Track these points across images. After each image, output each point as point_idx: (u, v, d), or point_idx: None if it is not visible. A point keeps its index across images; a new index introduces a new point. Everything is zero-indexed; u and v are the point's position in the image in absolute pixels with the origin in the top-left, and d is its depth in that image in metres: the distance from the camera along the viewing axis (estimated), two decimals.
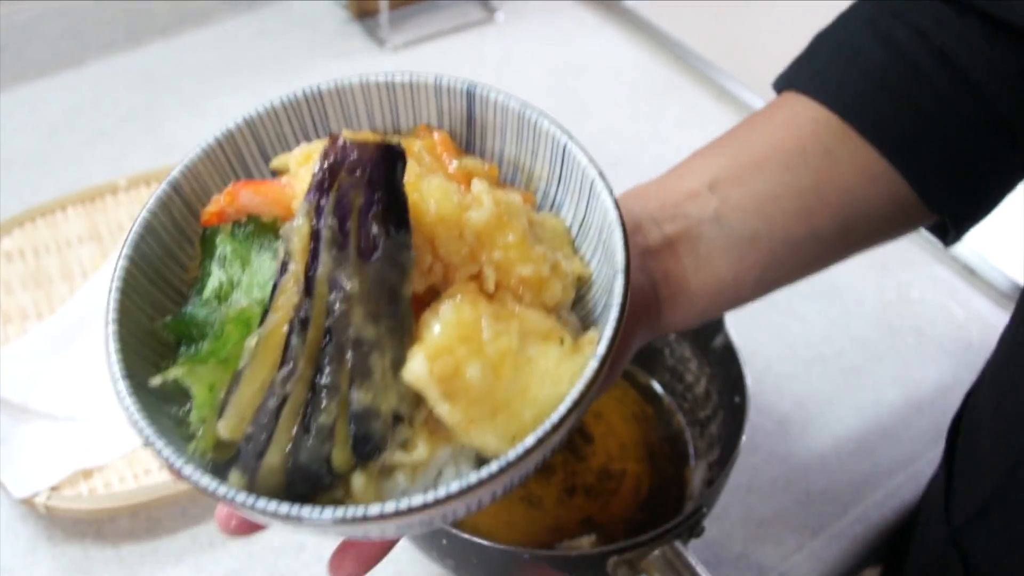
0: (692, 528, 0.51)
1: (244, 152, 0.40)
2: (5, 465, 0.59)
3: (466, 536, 0.49)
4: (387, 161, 0.33)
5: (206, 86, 0.97)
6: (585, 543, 0.56)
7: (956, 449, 0.53)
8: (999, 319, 0.76)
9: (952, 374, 0.72)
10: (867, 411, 0.69)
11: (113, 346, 0.34)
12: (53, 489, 0.59)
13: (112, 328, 0.34)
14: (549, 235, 0.38)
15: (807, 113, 0.45)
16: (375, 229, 0.32)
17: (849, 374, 0.71)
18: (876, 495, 0.64)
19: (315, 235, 0.32)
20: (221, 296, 0.36)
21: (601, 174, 0.37)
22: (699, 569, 0.47)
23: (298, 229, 0.33)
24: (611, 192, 0.36)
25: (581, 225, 0.38)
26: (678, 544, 0.48)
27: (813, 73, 0.47)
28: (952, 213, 0.47)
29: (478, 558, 0.50)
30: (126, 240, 0.37)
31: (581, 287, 0.38)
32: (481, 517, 0.33)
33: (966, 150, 0.45)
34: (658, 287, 0.42)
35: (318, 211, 0.32)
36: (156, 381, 0.34)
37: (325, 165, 0.32)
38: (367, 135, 0.33)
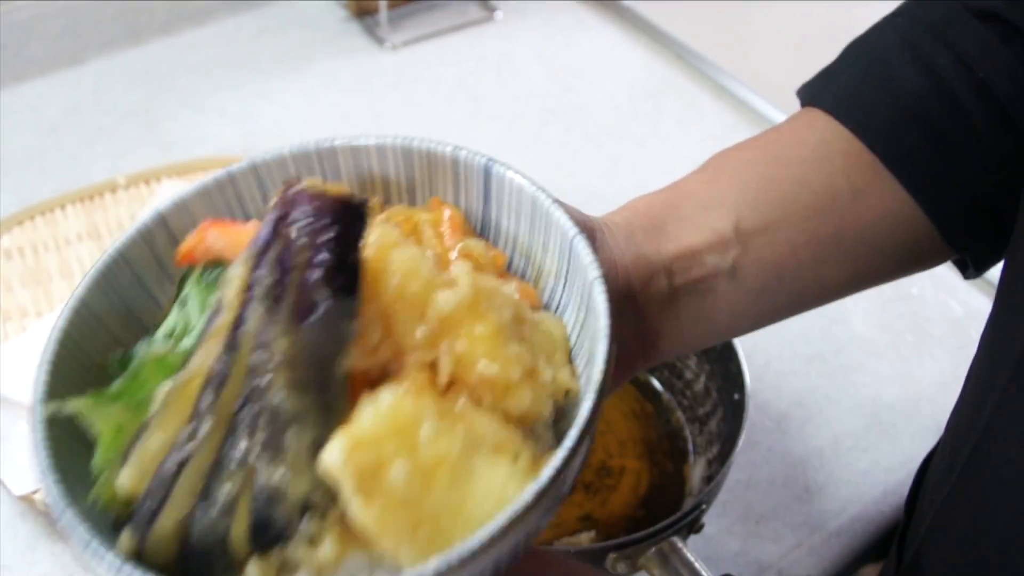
0: (691, 524, 0.51)
1: (245, 194, 0.38)
2: (5, 462, 0.59)
3: None
4: (344, 218, 0.29)
5: (206, 84, 0.97)
6: (584, 539, 0.57)
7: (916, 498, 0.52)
8: None
9: (951, 371, 0.72)
10: (866, 408, 0.69)
11: (43, 370, 0.32)
12: None
13: (48, 355, 0.32)
14: (542, 338, 0.34)
15: (837, 143, 0.43)
16: (317, 290, 0.28)
17: (848, 371, 0.72)
18: (875, 492, 0.64)
19: (250, 286, 0.29)
20: (174, 339, 0.34)
21: (603, 276, 0.33)
22: (698, 566, 0.47)
23: (234, 277, 0.29)
24: (609, 300, 0.32)
25: (580, 332, 0.34)
26: (677, 540, 0.48)
27: (843, 92, 0.44)
28: (977, 255, 0.45)
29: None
30: (94, 266, 0.35)
31: (568, 401, 0.33)
32: None
33: (999, 193, 0.43)
34: (645, 339, 0.40)
35: (258, 260, 0.29)
36: (50, 409, 0.31)
37: (276, 211, 0.29)
38: (337, 187, 0.30)
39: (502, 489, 0.28)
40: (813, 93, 0.46)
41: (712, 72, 0.99)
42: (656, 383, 0.66)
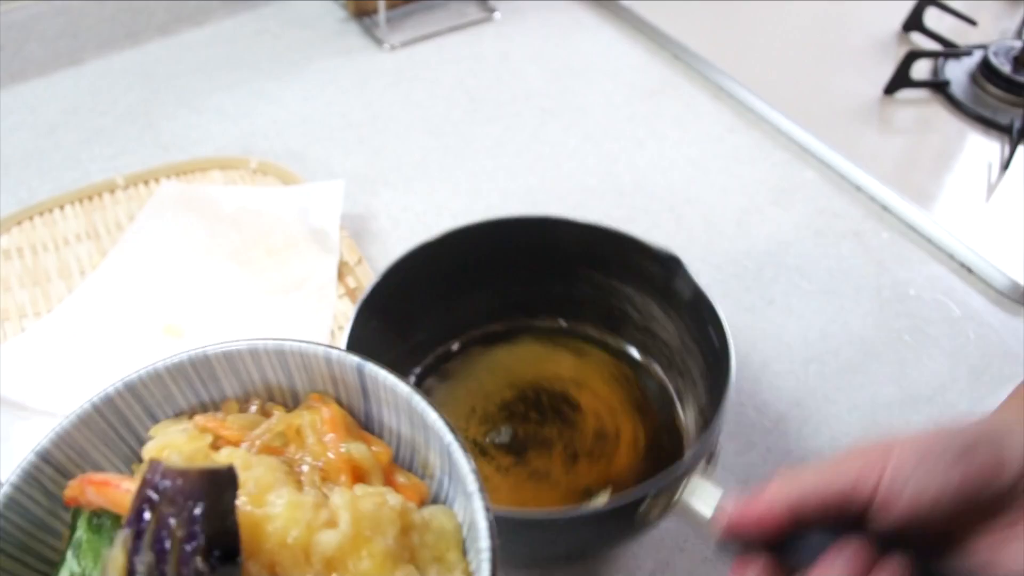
0: (710, 456, 0.52)
1: (128, 415, 0.38)
2: (4, 462, 0.59)
3: (503, 510, 0.48)
4: (211, 491, 0.30)
5: (204, 84, 0.97)
6: (603, 499, 0.57)
7: None
8: (996, 317, 0.76)
9: (949, 372, 0.72)
10: (864, 409, 0.69)
11: None
12: None
13: None
14: (434, 537, 0.35)
15: None
16: (199, 566, 0.29)
17: (846, 372, 0.72)
18: None
19: (131, 571, 0.29)
20: None
21: (482, 490, 0.33)
22: (721, 493, 0.47)
23: (113, 560, 0.29)
24: (489, 516, 0.33)
25: (470, 527, 0.34)
26: (699, 473, 0.48)
27: None
28: None
29: (513, 530, 0.50)
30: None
31: None
32: (494, 500, 0.33)
33: None
34: None
35: (136, 545, 0.29)
36: None
37: (144, 493, 0.30)
38: (199, 460, 0.31)
39: None
40: None
41: (710, 72, 0.99)
42: (632, 350, 0.67)
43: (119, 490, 0.34)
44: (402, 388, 0.36)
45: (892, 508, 0.39)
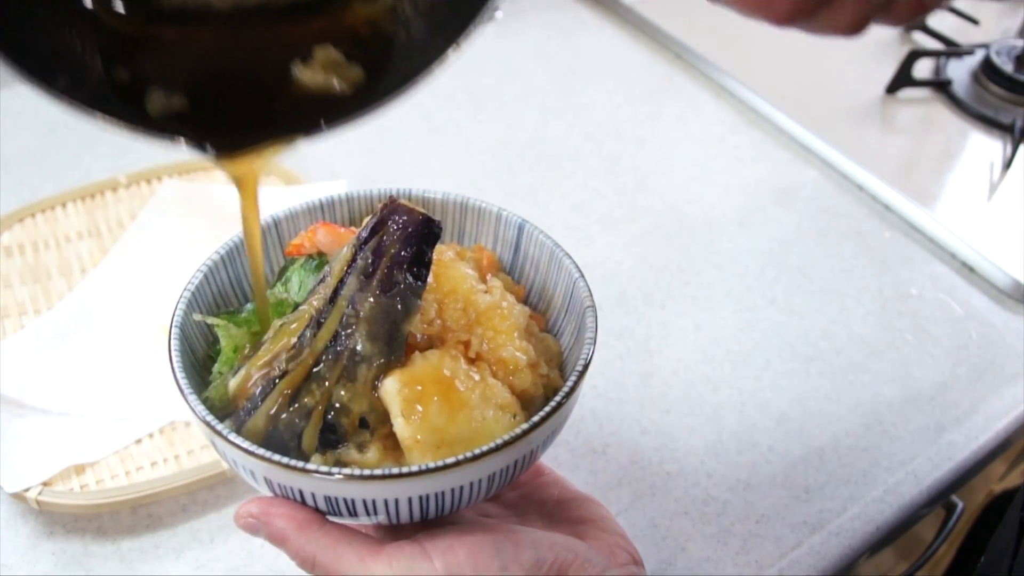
0: None
1: (337, 215, 0.50)
2: (3, 459, 0.59)
3: None
4: (425, 229, 0.40)
5: None
6: None
7: None
8: (998, 316, 0.76)
9: (951, 371, 0.72)
10: (866, 408, 0.69)
11: (186, 296, 0.44)
12: (45, 484, 0.59)
13: (191, 286, 0.44)
14: (543, 348, 0.45)
15: None
16: (397, 274, 0.40)
17: (848, 371, 0.72)
18: (875, 492, 0.64)
19: (352, 262, 0.40)
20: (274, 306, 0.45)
21: (593, 307, 0.44)
22: None
23: (342, 255, 0.41)
24: (595, 320, 0.44)
25: (572, 352, 0.46)
26: None
27: None
28: None
29: None
30: (225, 243, 0.47)
31: (553, 393, 0.42)
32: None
33: None
34: None
35: (361, 247, 0.40)
36: (197, 318, 0.44)
37: (379, 216, 0.40)
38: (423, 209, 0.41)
39: (501, 433, 0.38)
40: None
41: (712, 72, 0.99)
42: None
43: (344, 232, 0.46)
44: (549, 242, 0.48)
45: None
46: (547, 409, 0.39)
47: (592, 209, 0.84)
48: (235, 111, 0.39)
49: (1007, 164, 0.88)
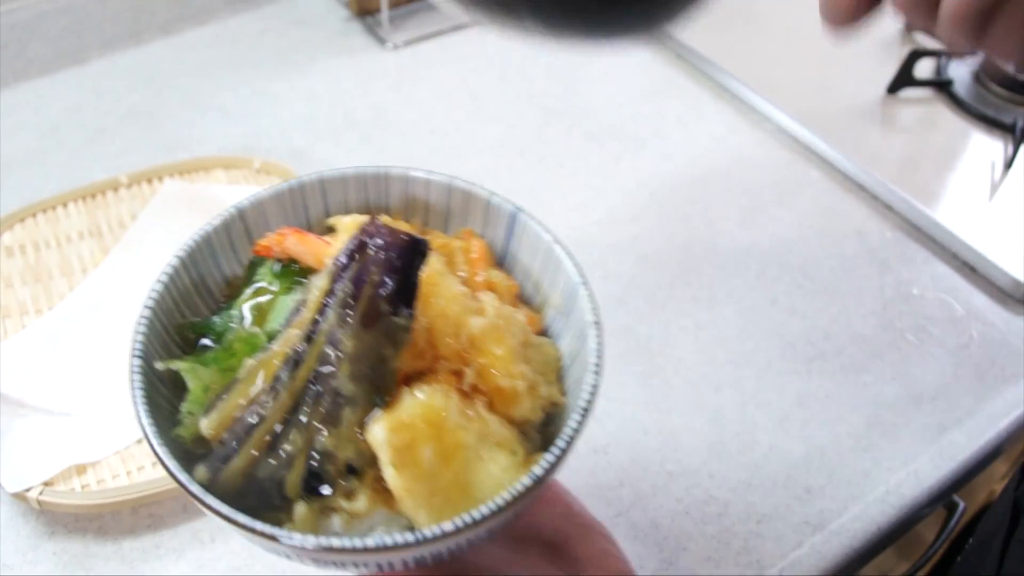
0: None
1: (311, 203, 0.46)
2: (3, 459, 0.59)
3: None
4: (410, 251, 0.36)
5: (207, 84, 0.97)
6: None
7: None
8: (999, 316, 0.76)
9: (952, 371, 0.72)
10: (867, 408, 0.69)
11: (141, 326, 0.39)
12: (46, 484, 0.59)
13: (146, 312, 0.40)
14: (540, 358, 0.42)
15: None
16: (382, 305, 0.36)
17: (849, 371, 0.72)
18: (877, 492, 0.64)
19: (330, 293, 0.36)
20: (256, 319, 0.42)
21: (598, 323, 0.40)
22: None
23: (318, 284, 0.37)
24: (600, 342, 0.40)
25: (573, 361, 0.42)
26: None
27: None
28: None
29: None
30: (184, 243, 0.43)
31: (554, 412, 0.41)
32: None
33: None
34: None
35: (339, 274, 0.36)
36: (160, 366, 0.39)
37: (358, 239, 0.37)
38: (404, 225, 0.38)
39: (501, 476, 0.36)
40: None
41: (713, 72, 0.99)
42: None
43: (319, 241, 0.42)
44: (546, 235, 0.44)
45: None
46: (550, 459, 0.35)
47: (593, 209, 0.84)
48: None
49: (1008, 164, 0.88)
